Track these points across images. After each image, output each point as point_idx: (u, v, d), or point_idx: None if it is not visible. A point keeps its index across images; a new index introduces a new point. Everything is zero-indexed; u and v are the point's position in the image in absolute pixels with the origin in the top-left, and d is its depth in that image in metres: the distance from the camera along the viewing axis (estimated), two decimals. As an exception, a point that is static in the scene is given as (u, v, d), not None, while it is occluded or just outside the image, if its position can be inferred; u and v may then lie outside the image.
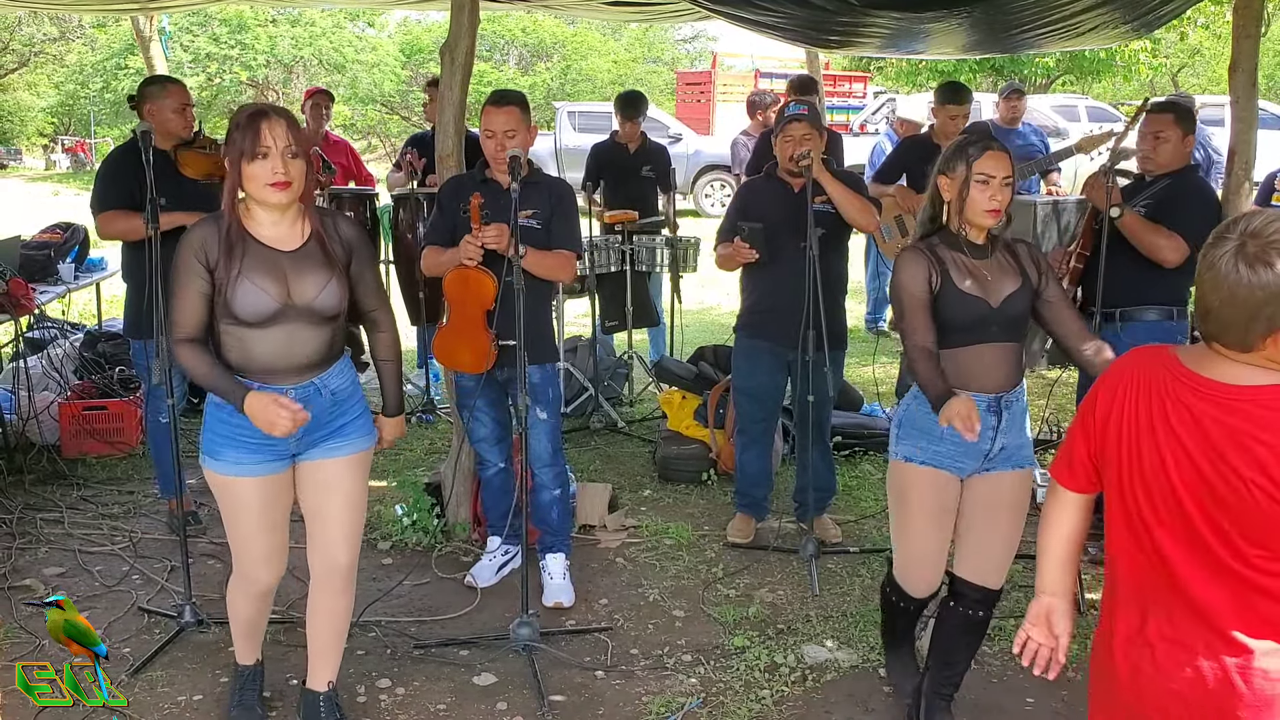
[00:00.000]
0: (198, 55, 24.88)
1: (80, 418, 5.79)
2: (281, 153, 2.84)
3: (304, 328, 2.96)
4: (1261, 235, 1.80)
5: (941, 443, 3.08)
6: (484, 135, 3.98)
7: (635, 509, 5.16)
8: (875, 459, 5.79)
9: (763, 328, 4.55)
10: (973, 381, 3.07)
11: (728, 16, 6.22)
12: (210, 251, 2.88)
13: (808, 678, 3.65)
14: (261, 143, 2.81)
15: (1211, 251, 1.87)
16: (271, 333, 2.93)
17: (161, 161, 4.44)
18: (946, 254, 3.10)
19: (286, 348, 2.95)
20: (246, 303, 2.88)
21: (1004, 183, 3.04)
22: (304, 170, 2.91)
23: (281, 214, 2.96)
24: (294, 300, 2.92)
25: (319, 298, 2.96)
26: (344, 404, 3.10)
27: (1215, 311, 1.86)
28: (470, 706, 3.48)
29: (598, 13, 8.65)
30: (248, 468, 3.00)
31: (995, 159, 3.05)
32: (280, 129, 2.84)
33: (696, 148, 18.32)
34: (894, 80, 25.19)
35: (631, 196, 6.80)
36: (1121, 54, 20.11)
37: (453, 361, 4.10)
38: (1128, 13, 5.58)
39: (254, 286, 2.88)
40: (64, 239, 6.69)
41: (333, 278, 2.98)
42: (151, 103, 4.58)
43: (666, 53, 38.48)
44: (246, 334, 2.93)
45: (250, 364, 2.95)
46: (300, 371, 2.99)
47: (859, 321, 8.78)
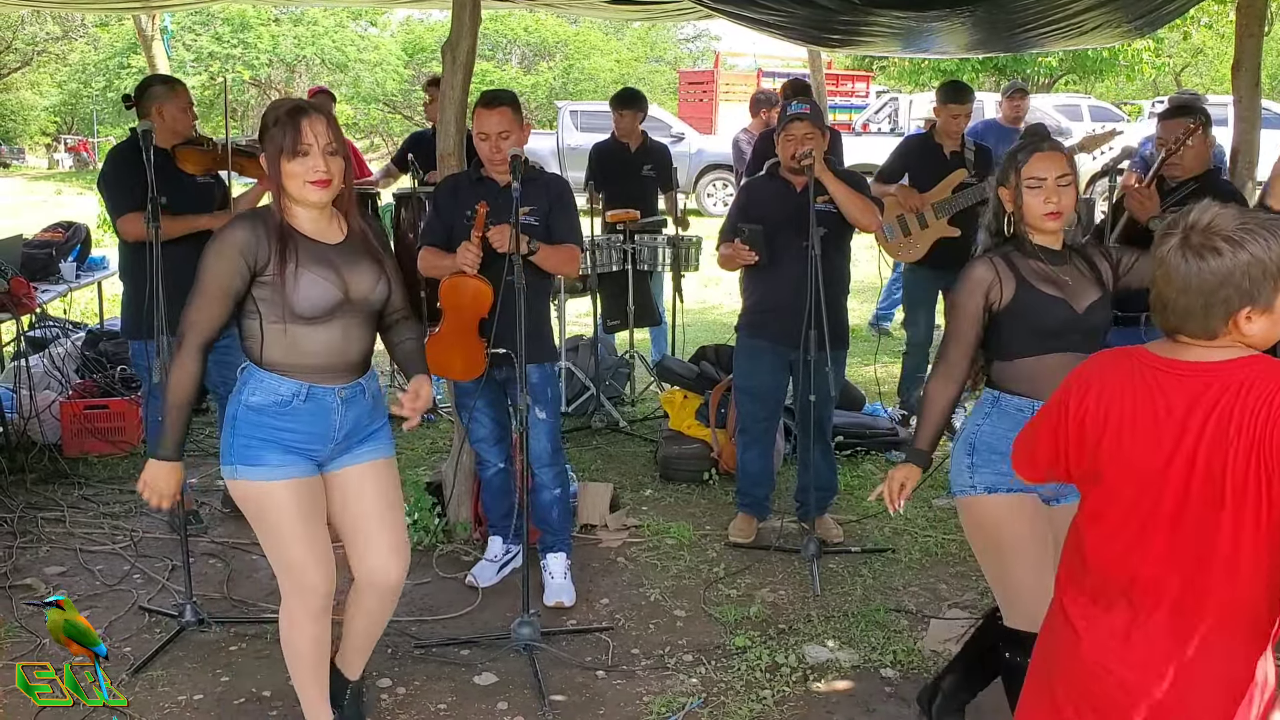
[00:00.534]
0: (200, 54, 24.91)
1: (82, 417, 5.79)
2: (323, 150, 2.79)
3: (357, 324, 2.92)
4: (1201, 227, 1.89)
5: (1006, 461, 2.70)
6: (478, 138, 3.96)
7: (636, 508, 5.15)
8: (876, 459, 5.78)
9: (764, 327, 4.54)
10: (1049, 392, 2.70)
11: (730, 15, 6.21)
12: (259, 252, 2.80)
13: (809, 678, 3.64)
14: (303, 140, 2.76)
15: (1159, 249, 1.95)
16: (327, 329, 2.86)
17: (162, 159, 4.46)
18: (1022, 262, 2.94)
19: (341, 344, 2.89)
20: (310, 296, 2.81)
21: (1059, 182, 2.90)
22: (343, 168, 2.86)
23: (320, 211, 2.90)
24: (351, 294, 2.88)
25: (375, 290, 2.93)
26: (378, 408, 3.07)
27: (1173, 304, 1.93)
28: (471, 706, 3.48)
29: (600, 12, 8.64)
30: (290, 469, 2.88)
31: (1045, 160, 2.91)
32: (321, 126, 2.79)
33: (699, 147, 18.31)
34: (897, 80, 25.21)
35: (632, 196, 6.78)
36: (1124, 53, 20.12)
37: (444, 370, 4.05)
38: (1130, 12, 5.57)
39: (317, 278, 2.81)
40: (66, 238, 6.70)
41: (384, 271, 2.96)
42: (161, 102, 4.59)
43: (669, 52, 38.51)
44: (300, 331, 2.84)
45: (300, 361, 2.86)
46: (350, 370, 2.94)
47: (861, 321, 8.78)
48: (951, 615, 4.06)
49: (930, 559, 4.59)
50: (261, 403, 2.87)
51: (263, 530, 2.96)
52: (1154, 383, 1.96)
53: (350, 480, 3.02)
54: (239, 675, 3.63)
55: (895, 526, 4.91)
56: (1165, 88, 26.85)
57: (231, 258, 2.79)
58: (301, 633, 3.02)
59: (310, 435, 2.90)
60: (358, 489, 3.03)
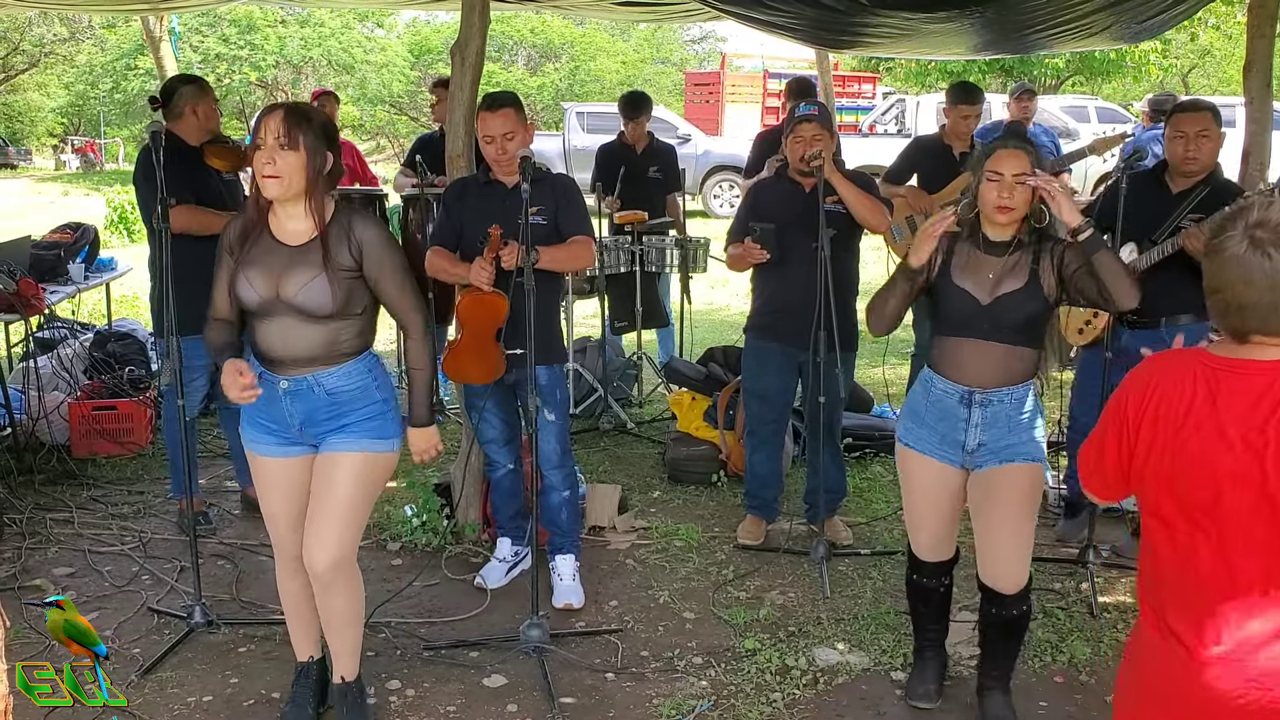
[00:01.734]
0: (207, 55, 24.96)
1: (90, 418, 5.79)
2: (271, 146, 2.90)
3: (297, 324, 3.02)
4: (1268, 224, 1.85)
5: (923, 427, 3.27)
6: (483, 141, 3.96)
7: (645, 510, 5.14)
8: (886, 460, 5.76)
9: (773, 328, 4.54)
10: (952, 370, 3.19)
11: (737, 17, 6.21)
12: (233, 235, 3.08)
13: (819, 680, 3.63)
14: (258, 135, 2.93)
15: (1226, 249, 1.89)
16: (269, 324, 3.05)
17: (192, 157, 4.60)
18: (962, 245, 3.21)
19: (281, 340, 3.05)
20: (239, 293, 3.04)
21: (1016, 180, 3.06)
22: (301, 164, 2.92)
23: (292, 208, 3.01)
24: (280, 296, 3.00)
25: (300, 294, 2.98)
26: (345, 405, 3.09)
27: (1254, 304, 1.87)
28: (480, 708, 3.47)
29: (607, 13, 8.64)
30: (264, 447, 3.16)
31: (1008, 157, 3.09)
32: (275, 121, 2.91)
33: (705, 148, 18.31)
34: (903, 81, 25.19)
35: (638, 197, 6.78)
36: (1132, 55, 20.10)
37: (462, 376, 4.09)
38: (1138, 14, 5.56)
39: (244, 279, 3.02)
40: (74, 239, 6.70)
41: (319, 276, 2.98)
42: (194, 101, 4.67)
43: (675, 53, 38.53)
44: (252, 322, 3.09)
45: (257, 348, 3.11)
46: (297, 364, 3.06)
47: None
48: (961, 618, 4.04)
49: (940, 561, 4.57)
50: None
51: (257, 491, 3.30)
52: (1217, 384, 1.92)
53: (320, 466, 3.15)
54: (248, 677, 3.63)
55: (905, 529, 4.88)
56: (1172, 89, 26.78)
57: (222, 242, 3.12)
58: (281, 586, 3.34)
59: (270, 416, 3.13)
60: (320, 477, 3.14)
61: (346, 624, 3.26)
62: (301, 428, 3.11)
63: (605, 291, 6.57)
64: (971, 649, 3.78)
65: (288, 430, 3.12)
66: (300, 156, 2.92)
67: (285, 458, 3.16)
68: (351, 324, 3.07)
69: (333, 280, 2.98)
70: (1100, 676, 3.64)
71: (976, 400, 3.15)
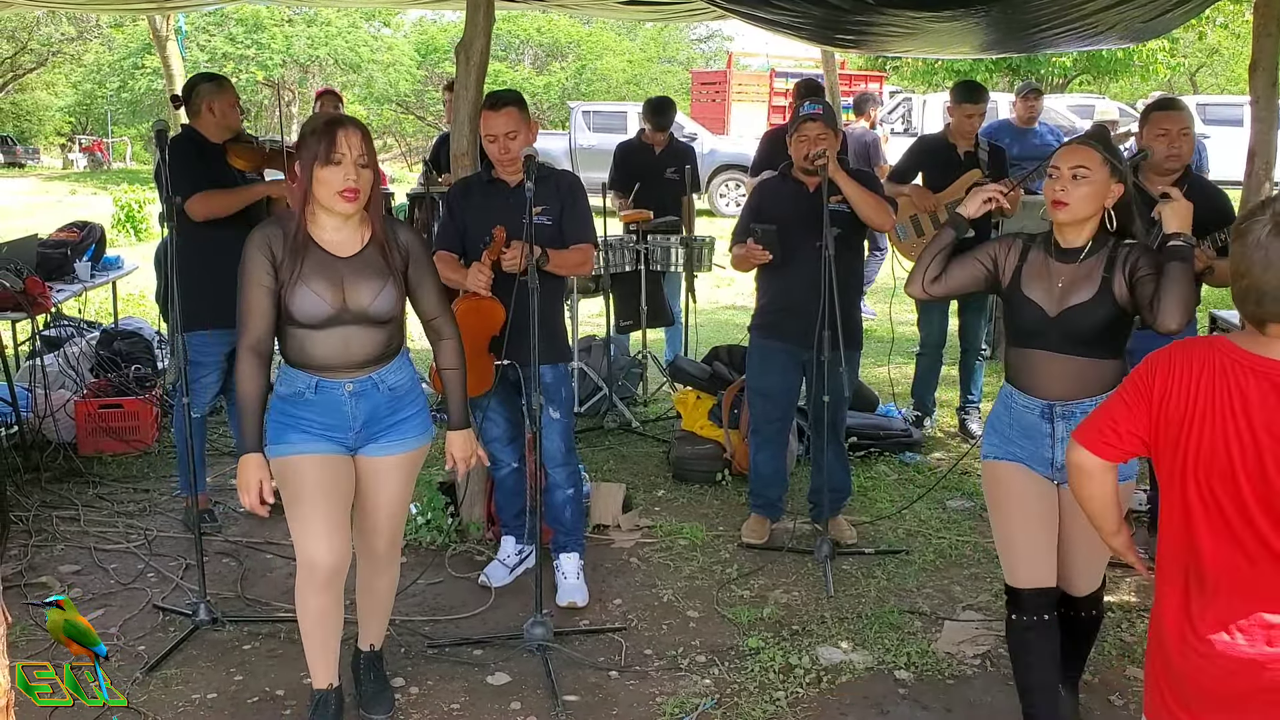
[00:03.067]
0: (214, 55, 24.99)
1: (96, 416, 5.81)
2: (355, 161, 2.91)
3: (360, 330, 3.05)
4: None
5: (1010, 444, 3.08)
6: (486, 140, 3.96)
7: (649, 509, 5.15)
8: (890, 460, 5.77)
9: (777, 327, 4.54)
10: (1028, 383, 3.04)
11: (743, 16, 6.21)
12: (275, 249, 2.98)
13: (822, 679, 3.63)
14: (337, 149, 2.88)
15: (1251, 234, 1.91)
16: (328, 334, 3.02)
17: (215, 154, 4.64)
18: (1035, 253, 3.06)
19: (343, 348, 3.04)
20: (304, 307, 2.98)
21: (1072, 174, 2.92)
22: (371, 181, 2.98)
23: (345, 220, 3.04)
24: (349, 306, 3.01)
25: (374, 303, 3.04)
26: (402, 399, 3.18)
27: (1273, 292, 1.89)
28: (484, 706, 3.48)
29: (613, 12, 8.65)
30: (306, 445, 3.07)
31: (1068, 152, 2.97)
32: (355, 139, 2.92)
33: (711, 147, 18.29)
34: (910, 80, 25.15)
35: (656, 198, 6.77)
36: (1139, 54, 20.04)
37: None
38: (1145, 12, 5.55)
39: (310, 292, 2.97)
40: (81, 238, 6.71)
41: (388, 283, 3.06)
42: (211, 99, 4.67)
43: (681, 52, 38.50)
44: (304, 334, 3.03)
45: (309, 360, 3.06)
46: (358, 367, 3.08)
47: (872, 322, 8.76)
48: (965, 617, 4.05)
49: (944, 561, 4.57)
50: (284, 393, 3.10)
51: (285, 502, 3.10)
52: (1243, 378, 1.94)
53: (370, 467, 3.18)
54: (252, 674, 3.64)
55: (909, 528, 4.89)
56: (1180, 88, 26.74)
57: (254, 254, 2.98)
58: (304, 603, 3.13)
59: (327, 424, 3.09)
60: (375, 478, 3.19)
61: (390, 598, 3.45)
62: (363, 427, 3.12)
63: (610, 290, 6.57)
64: (975, 647, 3.79)
65: (346, 432, 3.11)
66: (371, 174, 2.98)
67: (334, 455, 3.10)
68: (400, 323, 3.19)
69: (397, 285, 3.08)
70: (1104, 676, 3.63)
71: (1059, 413, 2.98)
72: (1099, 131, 6.98)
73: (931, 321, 6.19)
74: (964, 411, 6.24)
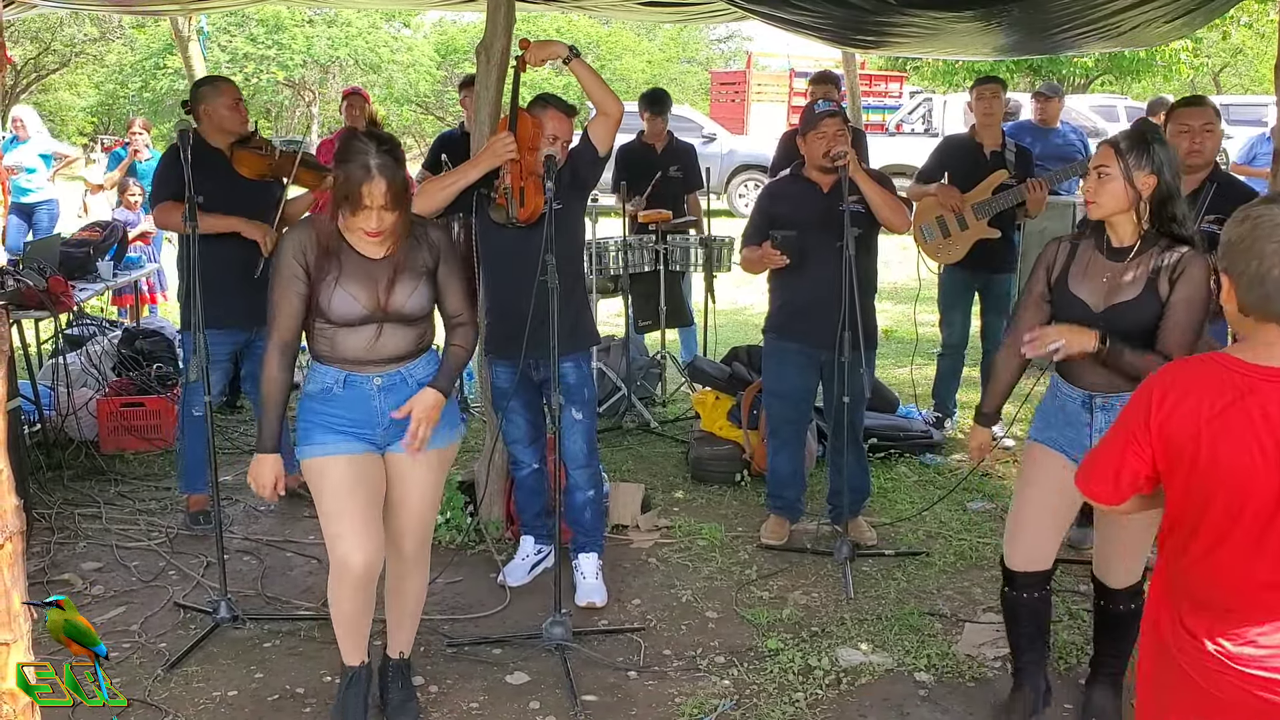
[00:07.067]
0: (235, 55, 25.06)
1: (118, 414, 5.84)
2: (379, 208, 2.95)
3: (394, 329, 3.12)
4: None
5: (1053, 429, 3.20)
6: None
7: (668, 509, 5.14)
8: (910, 461, 5.74)
9: (793, 329, 4.52)
10: (1071, 373, 3.14)
11: (763, 16, 6.20)
12: (309, 254, 3.05)
13: (842, 681, 3.62)
14: (362, 203, 2.95)
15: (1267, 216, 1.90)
16: (361, 331, 3.09)
17: (217, 160, 4.57)
18: (1085, 249, 3.14)
19: (374, 344, 3.11)
20: (340, 309, 3.05)
21: (1097, 174, 3.03)
22: (397, 218, 3.02)
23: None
24: (387, 307, 3.08)
25: (409, 303, 3.10)
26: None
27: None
28: (503, 705, 3.48)
29: (633, 13, 8.64)
30: (336, 446, 3.10)
31: (1096, 153, 3.09)
32: (380, 189, 2.94)
33: (730, 147, 18.27)
34: (930, 80, 25.06)
35: (660, 196, 6.77)
36: (1162, 54, 19.91)
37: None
38: (1169, 12, 5.50)
39: (347, 294, 3.04)
40: (103, 237, 6.76)
41: (421, 283, 3.13)
42: (206, 103, 4.64)
43: (701, 52, 38.43)
44: (337, 332, 3.09)
45: (338, 355, 3.11)
46: (388, 363, 3.14)
47: (893, 323, 8.73)
48: (986, 619, 4.03)
49: (964, 562, 4.55)
50: (313, 390, 3.15)
51: (317, 503, 3.15)
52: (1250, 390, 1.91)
53: (400, 465, 3.21)
54: (273, 672, 3.65)
55: (929, 530, 4.87)
56: (1203, 88, 26.54)
57: (288, 259, 3.06)
58: (338, 604, 3.18)
59: (354, 419, 3.13)
60: (404, 475, 3.22)
61: (419, 602, 3.44)
62: (391, 423, 3.15)
63: (629, 290, 6.57)
64: (996, 649, 3.77)
65: (374, 428, 3.15)
66: (397, 214, 3.02)
67: (362, 454, 3.14)
68: (430, 320, 3.23)
69: (429, 284, 3.14)
70: (1125, 678, 3.61)
71: (1098, 404, 3.08)
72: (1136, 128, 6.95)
73: (954, 322, 6.16)
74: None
